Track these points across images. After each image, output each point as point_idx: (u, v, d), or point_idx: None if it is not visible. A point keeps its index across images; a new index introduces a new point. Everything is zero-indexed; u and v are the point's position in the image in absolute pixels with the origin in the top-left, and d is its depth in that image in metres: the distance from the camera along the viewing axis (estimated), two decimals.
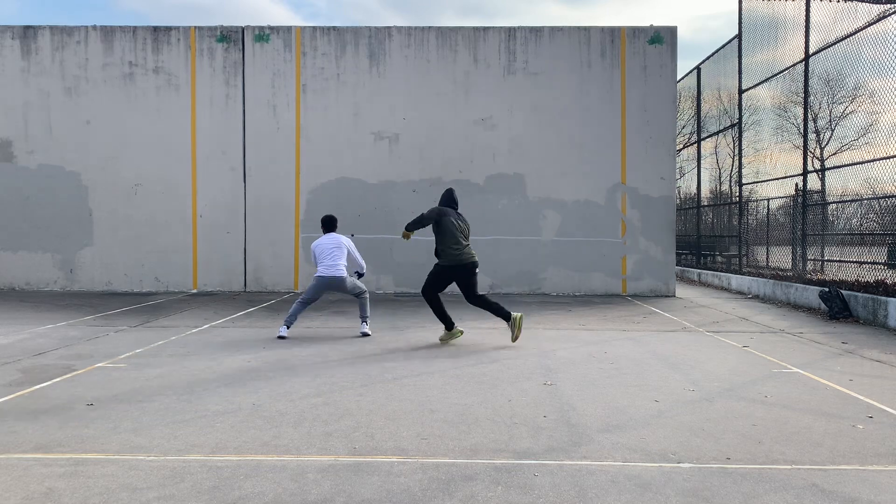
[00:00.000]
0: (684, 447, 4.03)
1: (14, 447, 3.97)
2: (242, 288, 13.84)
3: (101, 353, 6.95)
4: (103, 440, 4.10)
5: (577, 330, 8.77)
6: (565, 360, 6.67)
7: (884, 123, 10.17)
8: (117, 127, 13.84)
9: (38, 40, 13.91)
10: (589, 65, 13.62)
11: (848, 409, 4.93)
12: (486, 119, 13.64)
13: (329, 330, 8.67)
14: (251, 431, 4.29)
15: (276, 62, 13.79)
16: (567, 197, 13.63)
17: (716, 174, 18.69)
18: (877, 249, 10.51)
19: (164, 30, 13.91)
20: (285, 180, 13.80)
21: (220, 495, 3.28)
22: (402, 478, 3.53)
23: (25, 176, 13.85)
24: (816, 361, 6.72)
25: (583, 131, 13.59)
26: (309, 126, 13.78)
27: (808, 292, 11.25)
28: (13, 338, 7.88)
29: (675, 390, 5.46)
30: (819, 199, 12.22)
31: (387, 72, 13.72)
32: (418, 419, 4.58)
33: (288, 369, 6.18)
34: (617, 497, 3.29)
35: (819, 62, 11.88)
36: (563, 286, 13.70)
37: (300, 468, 3.63)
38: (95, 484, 3.41)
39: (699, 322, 9.61)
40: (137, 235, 13.84)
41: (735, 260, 15.59)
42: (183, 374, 5.94)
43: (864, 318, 9.60)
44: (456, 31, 13.73)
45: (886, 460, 3.83)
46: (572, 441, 4.13)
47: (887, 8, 9.72)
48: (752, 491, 3.38)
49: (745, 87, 14.55)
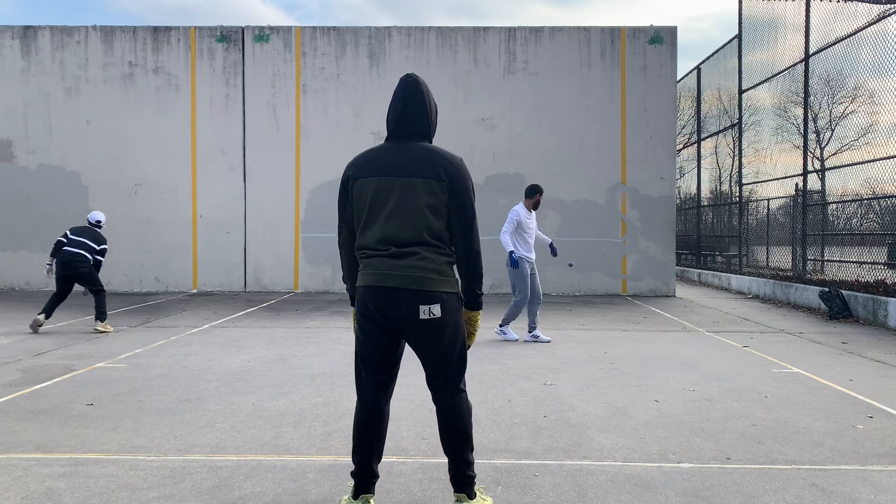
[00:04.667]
0: (684, 447, 4.03)
1: (14, 447, 3.97)
2: (242, 288, 13.84)
3: (101, 353, 6.95)
4: (103, 440, 4.10)
5: (577, 330, 8.77)
6: (565, 360, 6.66)
7: (883, 123, 10.18)
8: (117, 127, 13.84)
9: (38, 40, 13.91)
10: (589, 65, 13.61)
11: (848, 409, 4.92)
12: (486, 119, 13.63)
13: (329, 330, 8.67)
14: (251, 431, 4.29)
15: (276, 62, 13.78)
16: (567, 197, 13.63)
17: (716, 174, 18.70)
18: (877, 249, 10.51)
19: (164, 30, 13.91)
20: (285, 180, 13.80)
21: (220, 495, 3.28)
22: (402, 478, 3.52)
23: (25, 176, 13.84)
24: (816, 361, 6.72)
25: (583, 131, 13.59)
26: (309, 126, 13.78)
27: (808, 292, 11.25)
28: (13, 338, 7.88)
29: (675, 390, 5.45)
30: (819, 199, 12.22)
31: (387, 72, 13.71)
32: (418, 419, 4.57)
33: (288, 369, 6.18)
34: (617, 497, 3.29)
35: (819, 62, 11.87)
36: (563, 286, 13.70)
37: (300, 468, 3.63)
38: (95, 484, 3.41)
39: (699, 322, 9.61)
40: (137, 235, 13.84)
41: (735, 260, 15.59)
42: (183, 374, 5.94)
43: (864, 318, 9.60)
44: (456, 31, 13.73)
45: (886, 460, 3.83)
46: (572, 441, 4.13)
47: (887, 8, 9.72)
48: (752, 491, 3.37)
49: (745, 87, 14.55)
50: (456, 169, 2.85)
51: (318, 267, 13.79)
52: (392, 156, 2.85)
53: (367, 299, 2.82)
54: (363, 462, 2.96)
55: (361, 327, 2.88)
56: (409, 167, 2.82)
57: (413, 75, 2.93)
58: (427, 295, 2.76)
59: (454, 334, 2.86)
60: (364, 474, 2.97)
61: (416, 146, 2.88)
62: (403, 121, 2.92)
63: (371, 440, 2.95)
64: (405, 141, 2.92)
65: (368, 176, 2.84)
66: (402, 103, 2.92)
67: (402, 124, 2.92)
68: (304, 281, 13.78)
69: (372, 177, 2.84)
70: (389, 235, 2.80)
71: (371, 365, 2.90)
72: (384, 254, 2.81)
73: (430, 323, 2.78)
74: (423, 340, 2.83)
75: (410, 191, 2.78)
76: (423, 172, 2.80)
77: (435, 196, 2.80)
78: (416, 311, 2.77)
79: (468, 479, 2.96)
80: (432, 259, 2.80)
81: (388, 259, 2.80)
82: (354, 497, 2.98)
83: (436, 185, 2.79)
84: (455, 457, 2.94)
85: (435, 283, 2.78)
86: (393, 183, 2.80)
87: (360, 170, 2.88)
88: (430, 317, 2.76)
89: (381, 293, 2.78)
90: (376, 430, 2.95)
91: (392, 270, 2.78)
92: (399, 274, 2.77)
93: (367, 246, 2.85)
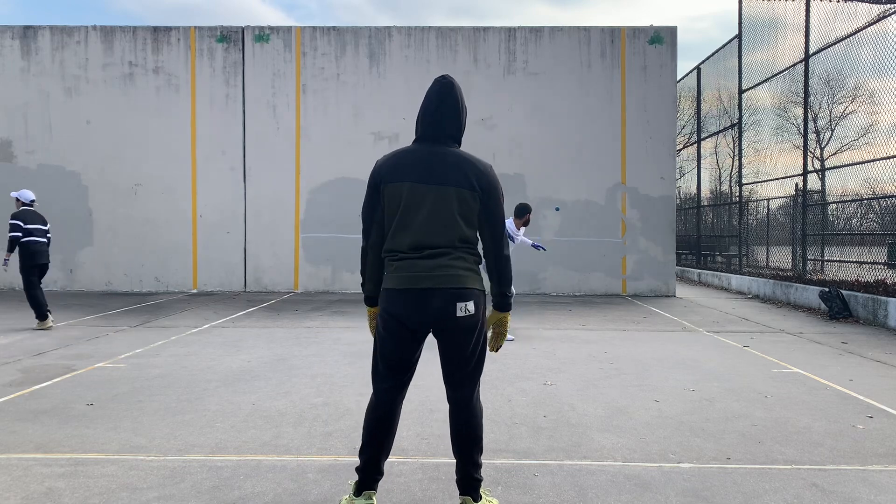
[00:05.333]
0: (684, 447, 4.03)
1: (14, 447, 3.97)
2: (242, 288, 13.84)
3: (101, 353, 6.95)
4: (103, 440, 4.10)
5: (577, 330, 8.77)
6: (565, 360, 6.66)
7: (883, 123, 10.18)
8: (117, 127, 13.84)
9: (38, 40, 13.91)
10: (589, 65, 13.61)
11: (848, 409, 4.93)
12: (486, 119, 13.63)
13: (329, 330, 8.67)
14: (251, 431, 4.29)
15: (276, 62, 13.79)
16: (567, 197, 13.63)
17: (716, 174, 18.70)
18: (877, 249, 10.51)
19: (164, 30, 13.91)
20: (285, 180, 13.80)
21: (220, 495, 3.28)
22: (402, 478, 3.53)
23: (25, 176, 13.84)
24: (816, 361, 6.72)
25: (583, 131, 13.59)
26: (309, 126, 13.78)
27: (808, 292, 11.25)
28: (13, 338, 7.88)
29: (675, 390, 5.45)
30: (819, 199, 12.22)
31: (387, 72, 13.71)
32: (418, 419, 4.57)
33: (288, 369, 6.18)
34: (617, 497, 3.29)
35: (819, 62, 11.87)
36: (563, 286, 13.70)
37: (300, 468, 3.63)
38: (95, 484, 3.41)
39: (699, 322, 9.61)
40: (137, 235, 13.84)
41: (735, 260, 15.59)
42: (183, 374, 5.94)
43: (864, 318, 9.60)
44: (456, 31, 13.73)
45: (886, 460, 3.83)
46: (572, 441, 4.13)
47: (887, 8, 9.72)
48: (752, 491, 3.38)
49: (745, 87, 14.55)
50: (487, 177, 2.87)
51: (319, 267, 13.80)
52: (425, 161, 2.85)
53: (398, 301, 2.82)
54: (372, 458, 2.97)
55: (388, 327, 2.87)
56: (442, 175, 2.82)
57: (448, 77, 2.93)
58: (461, 292, 2.80)
59: (480, 332, 2.90)
60: (371, 471, 2.98)
61: (448, 151, 2.88)
62: (436, 123, 2.90)
63: (383, 437, 2.95)
64: (436, 144, 2.90)
65: (402, 180, 2.83)
66: (437, 104, 2.90)
67: (434, 126, 2.90)
68: (304, 281, 13.78)
69: (405, 181, 2.83)
70: (422, 241, 2.82)
71: (393, 364, 2.91)
72: (417, 257, 2.82)
73: (466, 320, 2.81)
74: (456, 337, 2.85)
75: (444, 199, 2.80)
76: (457, 181, 2.81)
77: (467, 205, 2.83)
78: (453, 309, 2.79)
79: (476, 483, 2.96)
80: (463, 258, 2.84)
81: (421, 261, 2.81)
82: (357, 493, 2.99)
83: (468, 195, 2.82)
84: (464, 458, 2.94)
85: (469, 280, 2.83)
86: (426, 190, 2.81)
87: (392, 173, 2.86)
88: (466, 314, 2.80)
89: (415, 295, 2.80)
90: (389, 427, 2.97)
91: (425, 272, 2.80)
92: (432, 274, 2.79)
93: (398, 249, 2.86)
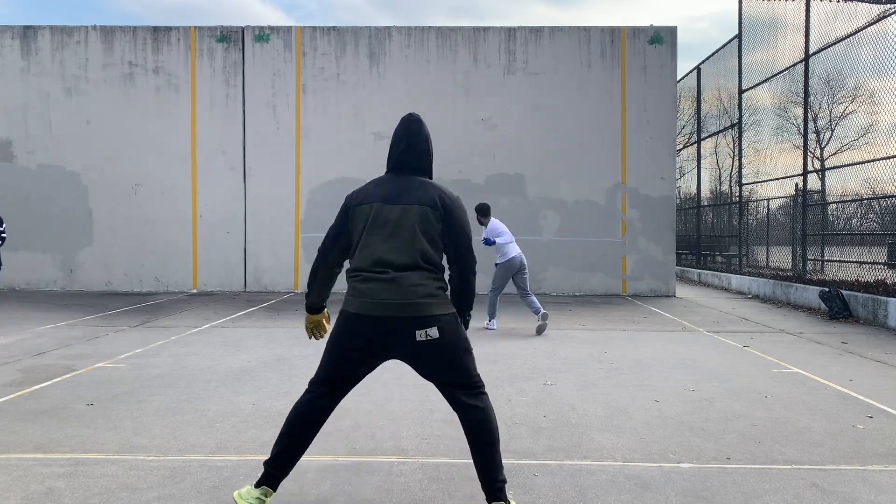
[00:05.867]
0: (684, 447, 4.03)
1: (14, 447, 3.97)
2: (242, 288, 13.84)
3: (101, 353, 6.95)
4: (103, 440, 4.10)
5: (577, 330, 8.77)
6: (565, 360, 6.67)
7: (883, 123, 10.18)
8: (117, 127, 13.84)
9: (38, 40, 13.91)
10: (589, 65, 13.61)
11: (848, 409, 4.93)
12: (486, 119, 13.63)
13: None
14: (251, 431, 4.29)
15: (276, 62, 13.78)
16: (567, 197, 13.63)
17: (716, 174, 18.70)
18: (877, 249, 10.52)
19: (164, 30, 13.91)
20: (285, 180, 13.80)
21: (220, 495, 3.28)
22: (402, 478, 3.53)
23: (25, 176, 13.84)
24: (816, 361, 6.72)
25: (583, 131, 13.59)
26: (309, 126, 13.78)
27: (808, 292, 11.25)
28: (13, 338, 7.88)
29: (675, 390, 5.45)
30: (819, 199, 12.23)
31: (387, 72, 13.71)
32: (418, 419, 4.57)
33: (288, 369, 6.18)
34: (617, 497, 3.29)
35: (819, 62, 11.87)
36: (563, 286, 13.70)
37: (300, 468, 3.63)
38: (95, 484, 3.41)
39: (699, 322, 9.61)
40: (137, 235, 13.84)
41: (735, 260, 15.60)
42: (183, 374, 5.94)
43: (864, 318, 9.60)
44: (456, 31, 13.73)
45: (886, 460, 3.83)
46: (572, 441, 4.13)
47: (887, 8, 9.72)
48: (752, 491, 3.38)
49: (745, 87, 14.55)
50: (450, 199, 2.98)
51: None
52: (392, 183, 2.99)
53: (358, 325, 2.83)
54: (285, 452, 2.93)
55: (342, 343, 2.88)
56: (407, 194, 2.93)
57: (415, 115, 3.07)
58: (421, 321, 2.80)
59: (454, 349, 2.87)
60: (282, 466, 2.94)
61: (416, 178, 3.02)
62: (405, 159, 3.04)
63: (306, 435, 2.94)
64: (405, 175, 3.04)
65: (370, 202, 2.95)
66: (406, 143, 3.04)
67: (403, 162, 3.05)
68: (305, 281, 13.77)
69: (373, 203, 2.95)
70: (385, 258, 2.86)
71: (338, 379, 2.95)
72: (380, 278, 2.83)
73: (427, 344, 2.82)
74: (422, 361, 2.88)
75: (406, 216, 2.88)
76: (420, 199, 2.91)
77: (429, 223, 2.89)
78: (413, 336, 2.80)
79: (501, 485, 2.89)
80: (425, 284, 2.85)
81: (384, 285, 2.82)
82: (257, 485, 2.95)
83: (430, 213, 2.89)
84: (486, 464, 2.87)
85: (430, 307, 2.83)
86: (390, 209, 2.90)
87: (361, 197, 3.00)
88: (427, 338, 2.81)
89: (376, 322, 2.81)
90: (316, 426, 2.96)
91: (387, 299, 2.80)
92: (393, 302, 2.79)
93: (361, 268, 2.90)
